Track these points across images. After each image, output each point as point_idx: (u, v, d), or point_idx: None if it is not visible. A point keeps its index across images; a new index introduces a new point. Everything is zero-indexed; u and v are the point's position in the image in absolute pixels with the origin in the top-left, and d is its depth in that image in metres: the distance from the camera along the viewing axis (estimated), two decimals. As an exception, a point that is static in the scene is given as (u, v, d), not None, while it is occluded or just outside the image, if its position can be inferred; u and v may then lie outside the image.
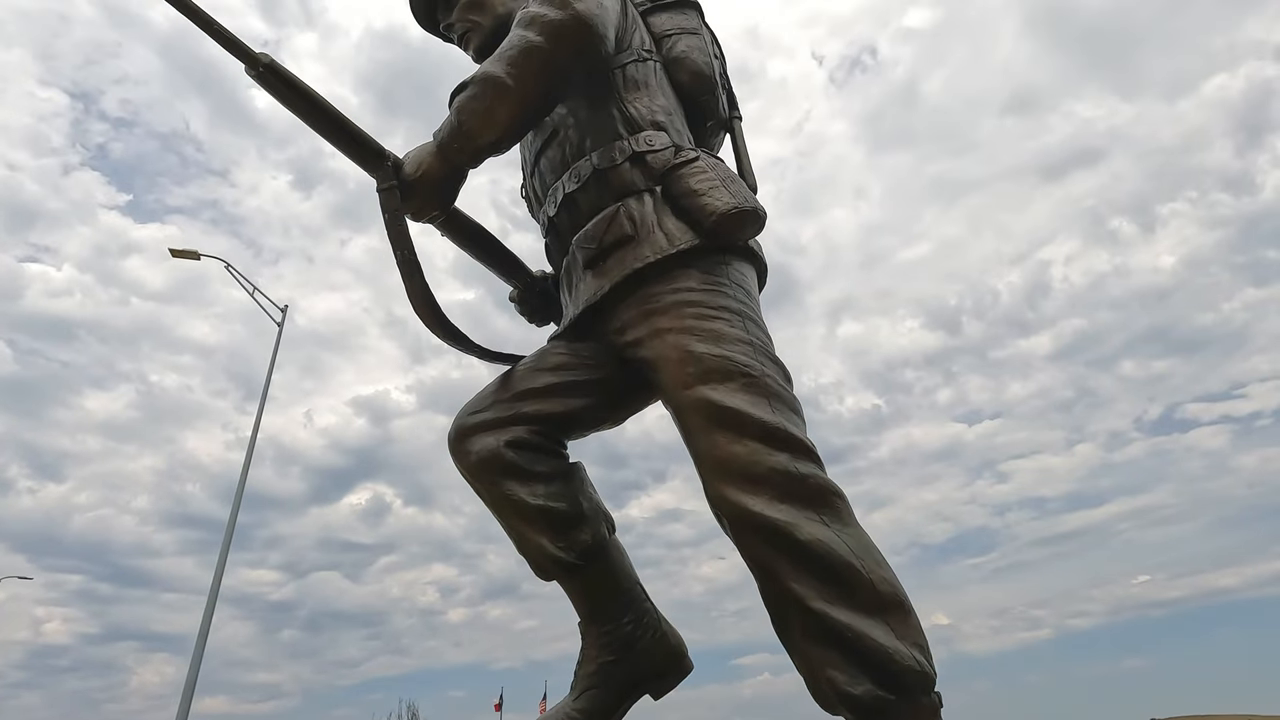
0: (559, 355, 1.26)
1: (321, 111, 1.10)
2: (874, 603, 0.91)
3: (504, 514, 1.18)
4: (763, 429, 1.00)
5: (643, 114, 1.27)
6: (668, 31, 1.41)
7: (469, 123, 1.11)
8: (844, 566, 0.92)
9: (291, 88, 1.08)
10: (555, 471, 1.20)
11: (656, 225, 1.16)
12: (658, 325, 1.11)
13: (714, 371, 1.04)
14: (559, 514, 1.16)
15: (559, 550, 1.14)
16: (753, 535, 0.96)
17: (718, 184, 1.15)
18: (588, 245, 1.22)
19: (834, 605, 0.90)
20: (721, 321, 1.10)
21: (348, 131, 1.12)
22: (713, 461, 1.00)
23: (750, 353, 1.08)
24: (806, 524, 0.94)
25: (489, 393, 1.26)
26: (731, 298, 1.14)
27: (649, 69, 1.32)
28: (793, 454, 0.99)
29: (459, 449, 1.21)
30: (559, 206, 1.29)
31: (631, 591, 1.22)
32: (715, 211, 1.12)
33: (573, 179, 1.26)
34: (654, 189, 1.20)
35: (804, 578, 0.92)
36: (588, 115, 1.28)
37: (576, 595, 1.20)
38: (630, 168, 1.22)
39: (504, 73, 1.09)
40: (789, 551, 0.93)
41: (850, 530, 0.97)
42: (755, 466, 0.98)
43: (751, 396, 1.03)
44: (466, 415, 1.23)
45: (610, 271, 1.17)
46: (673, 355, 1.08)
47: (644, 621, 1.21)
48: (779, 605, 0.95)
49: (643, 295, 1.14)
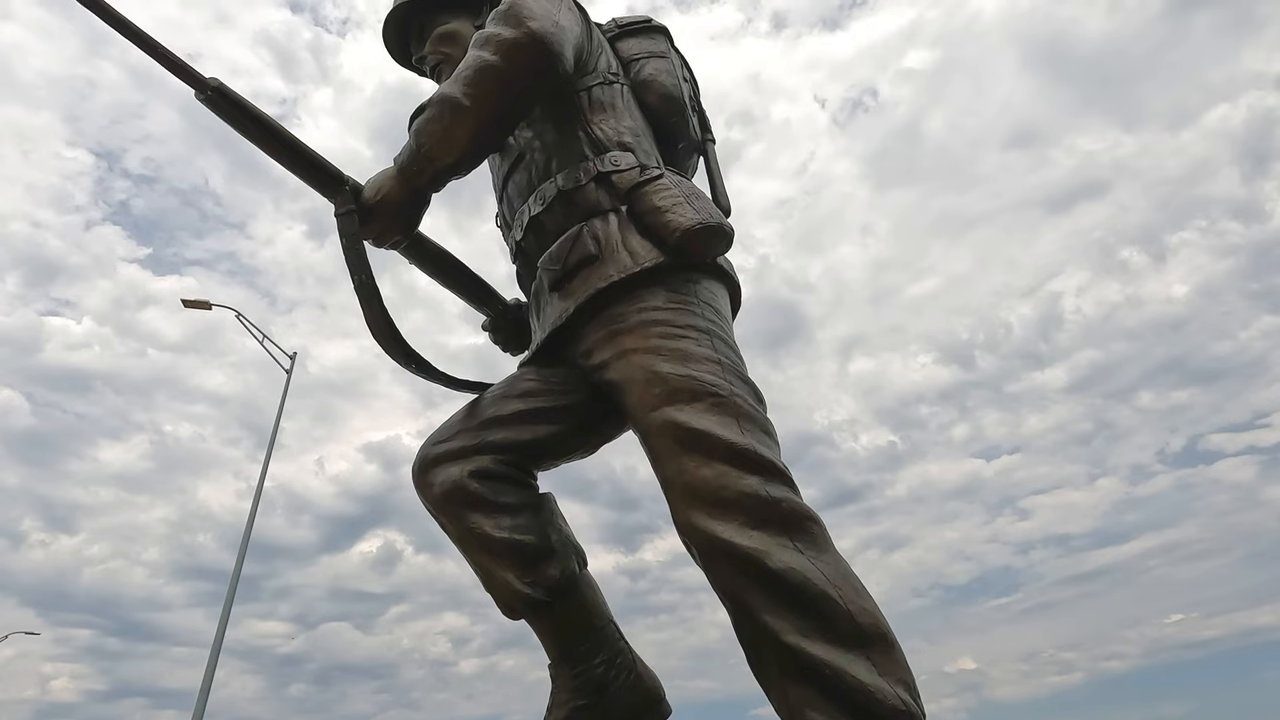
0: (528, 382, 1.22)
1: (273, 135, 1.09)
2: (854, 636, 0.83)
3: (468, 548, 1.12)
4: (732, 451, 0.94)
5: (609, 135, 1.25)
6: (635, 55, 1.41)
7: (427, 144, 1.10)
8: (820, 597, 0.85)
9: (242, 110, 1.07)
10: (523, 503, 1.15)
11: (621, 244, 1.13)
12: (624, 346, 1.07)
13: (680, 391, 1.00)
14: (526, 548, 1.09)
15: (525, 587, 1.08)
16: (723, 564, 0.89)
17: (681, 200, 1.13)
18: (552, 267, 1.19)
19: (811, 639, 0.83)
20: (689, 340, 1.05)
21: (302, 155, 1.11)
22: (680, 486, 0.95)
23: (719, 372, 1.03)
24: (779, 551, 0.88)
25: (455, 422, 1.21)
26: (699, 316, 1.09)
27: (615, 91, 1.31)
28: (764, 477, 0.93)
29: (422, 480, 1.17)
30: (525, 230, 1.26)
31: (604, 630, 1.15)
32: (679, 228, 1.09)
33: (538, 201, 1.24)
34: (619, 208, 1.18)
35: (778, 609, 0.85)
36: (554, 138, 1.26)
37: (545, 635, 1.13)
38: (595, 188, 1.20)
39: (461, 93, 1.08)
40: (761, 581, 0.86)
41: (826, 557, 0.90)
42: (724, 491, 0.92)
43: (720, 417, 0.97)
44: (431, 445, 1.19)
45: (575, 293, 1.14)
46: (638, 376, 1.03)
47: (618, 662, 1.14)
48: (752, 640, 0.88)
49: (608, 316, 1.11)
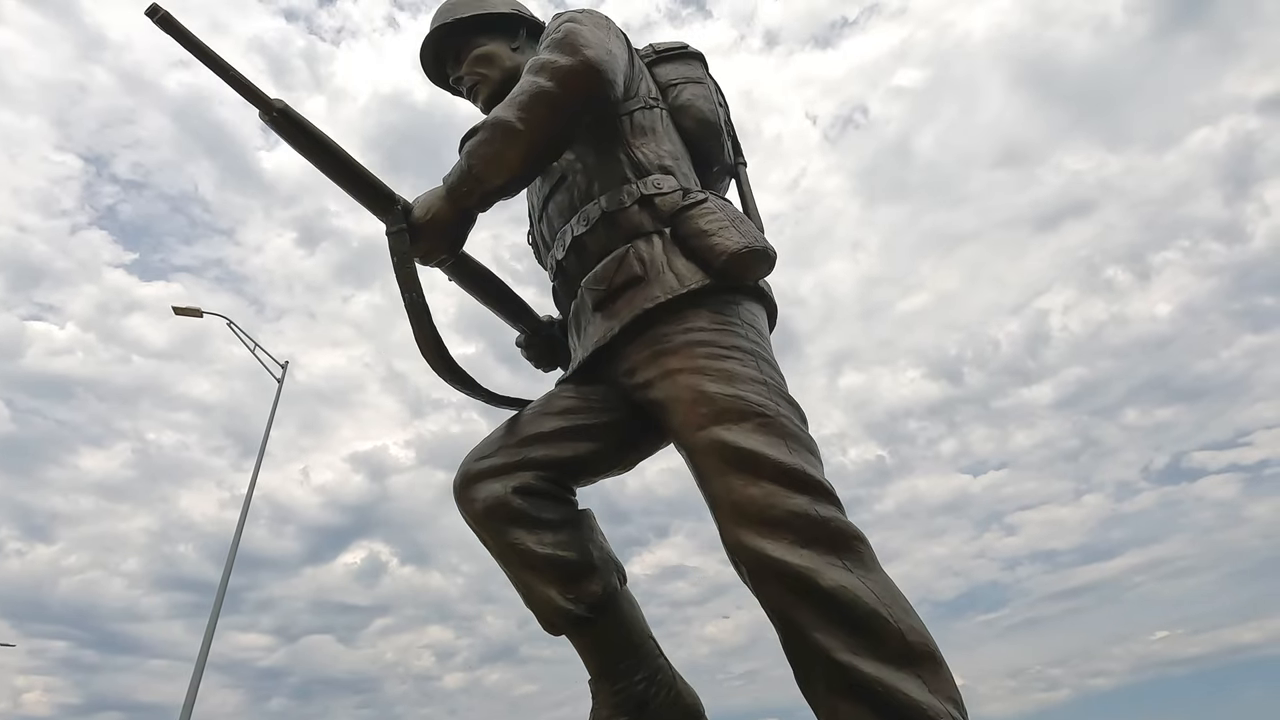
0: (567, 399, 1.24)
1: (333, 156, 1.11)
2: (904, 654, 0.85)
3: (510, 564, 1.13)
4: (780, 470, 0.96)
5: (650, 159, 1.28)
6: (673, 81, 1.44)
7: (479, 167, 1.12)
8: (870, 615, 0.87)
9: (305, 132, 1.09)
10: (564, 519, 1.16)
11: (666, 266, 1.16)
12: (668, 366, 1.09)
13: (728, 412, 1.01)
14: (568, 564, 1.11)
15: (568, 603, 1.09)
16: (773, 583, 0.91)
17: (727, 224, 1.15)
18: (597, 287, 1.21)
19: (861, 657, 0.84)
20: (734, 361, 1.07)
21: (359, 176, 1.13)
22: (729, 505, 0.96)
23: (765, 392, 1.05)
24: (829, 570, 0.89)
25: (495, 438, 1.23)
26: (743, 337, 1.12)
27: (655, 116, 1.35)
28: (812, 496, 0.95)
29: (464, 496, 1.18)
30: (567, 250, 1.29)
31: (644, 646, 1.16)
32: (726, 251, 1.12)
33: (581, 222, 1.26)
34: (663, 231, 1.20)
35: (829, 628, 0.86)
36: (595, 160, 1.29)
37: (586, 651, 1.14)
38: (639, 210, 1.22)
39: (514, 117, 1.11)
40: (812, 600, 0.88)
41: (875, 576, 0.92)
42: (773, 509, 0.93)
43: (767, 437, 0.99)
44: (472, 461, 1.20)
45: (620, 313, 1.16)
46: (685, 396, 1.05)
47: (658, 679, 1.15)
48: (802, 657, 0.89)
49: (653, 336, 1.13)
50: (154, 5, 1.00)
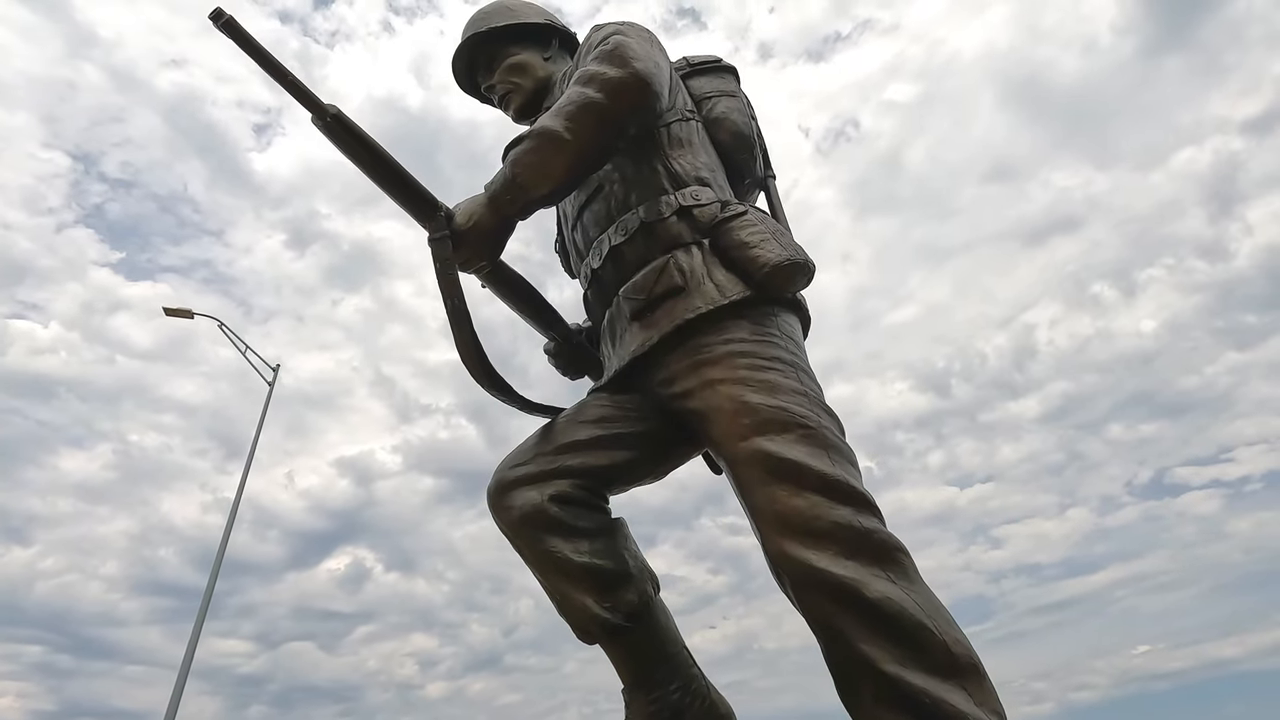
0: (601, 407, 1.24)
1: (383, 163, 1.11)
2: (949, 666, 0.86)
3: (546, 572, 1.13)
4: (823, 481, 0.97)
5: (687, 170, 1.29)
6: (707, 94, 1.46)
7: (524, 175, 1.13)
8: (916, 627, 0.87)
9: (357, 139, 1.09)
10: (600, 527, 1.16)
11: (706, 276, 1.17)
12: (709, 376, 1.09)
13: (771, 422, 1.02)
14: (604, 572, 1.11)
15: (604, 611, 1.09)
16: (817, 594, 0.91)
17: (768, 236, 1.17)
18: (636, 297, 1.21)
19: (908, 669, 0.85)
20: (775, 372, 1.08)
21: (407, 183, 1.13)
22: (772, 516, 0.97)
23: (806, 404, 1.06)
24: (874, 581, 0.90)
25: (530, 445, 1.23)
26: (783, 348, 1.13)
27: (691, 128, 1.36)
28: (855, 507, 0.96)
29: (500, 504, 1.17)
30: (604, 259, 1.29)
31: (679, 655, 1.16)
32: (768, 263, 1.13)
33: (619, 232, 1.27)
34: (701, 242, 1.21)
35: (875, 639, 0.87)
36: (633, 171, 1.30)
37: (621, 660, 1.14)
38: (677, 221, 1.23)
39: (562, 127, 1.12)
40: (857, 610, 0.88)
41: (918, 588, 0.93)
42: (818, 521, 0.94)
43: (810, 448, 1.00)
44: (507, 468, 1.20)
45: (659, 322, 1.17)
46: (727, 406, 1.06)
47: (692, 689, 1.14)
48: (847, 668, 0.90)
49: (693, 346, 1.13)
50: (218, 10, 1.00)
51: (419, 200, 1.14)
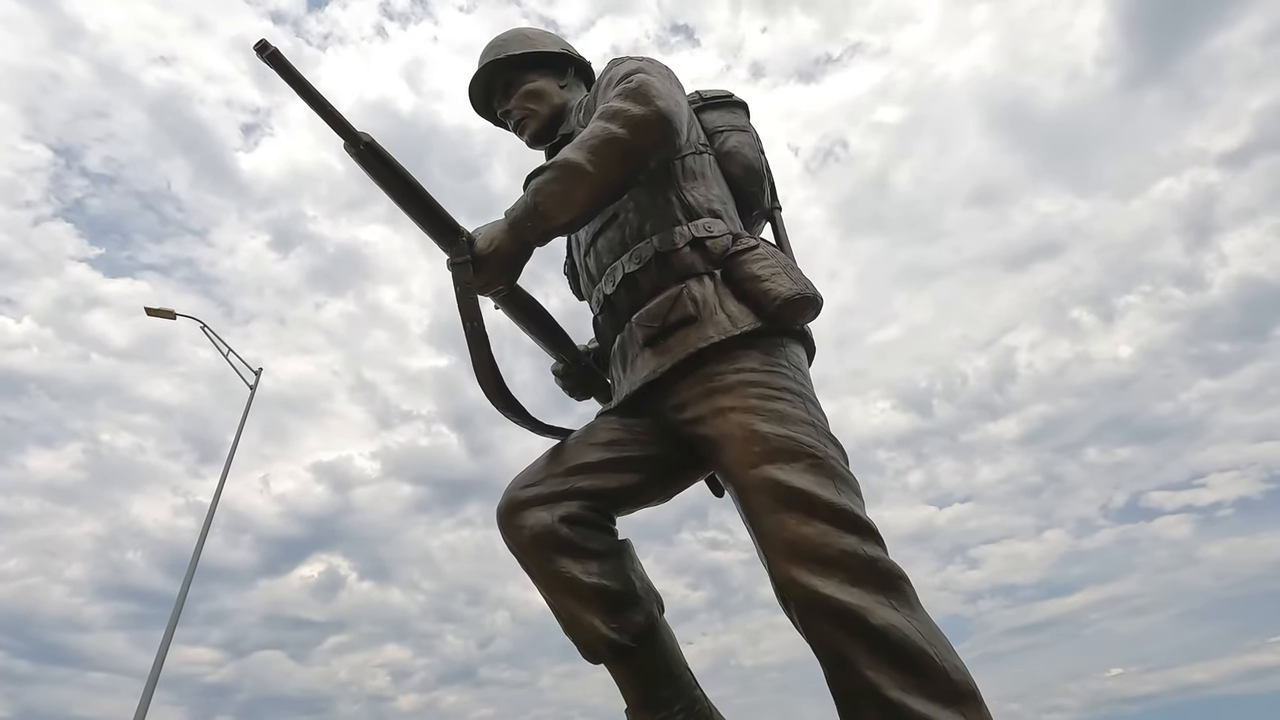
0: (611, 430, 1.27)
1: (412, 191, 1.14)
2: (949, 692, 0.89)
3: (555, 592, 1.15)
4: (831, 510, 1.00)
5: (700, 202, 1.34)
6: (719, 128, 1.50)
7: (545, 204, 1.16)
8: (918, 654, 0.90)
9: (389, 168, 1.12)
10: (608, 549, 1.19)
11: (719, 307, 1.20)
12: (720, 404, 1.13)
13: (780, 451, 1.05)
14: (613, 593, 1.13)
15: (611, 632, 1.11)
16: (824, 620, 0.94)
17: (779, 271, 1.21)
18: (650, 324, 1.25)
19: (910, 695, 0.88)
20: (784, 402, 1.12)
21: (432, 210, 1.16)
22: (781, 543, 0.99)
23: (813, 434, 1.09)
24: (879, 609, 0.93)
25: (540, 467, 1.25)
26: (791, 379, 1.17)
27: (704, 161, 1.40)
28: (861, 536, 0.99)
29: (510, 523, 1.20)
30: (618, 285, 1.33)
31: (683, 677, 1.19)
32: (779, 296, 1.17)
33: (633, 260, 1.31)
34: (714, 272, 1.25)
35: (879, 665, 0.90)
36: (648, 201, 1.34)
37: (626, 680, 1.16)
38: (690, 251, 1.27)
39: (585, 160, 1.15)
40: (863, 637, 0.91)
41: (919, 615, 0.96)
42: (826, 549, 0.97)
43: (818, 477, 1.03)
44: (518, 489, 1.22)
45: (672, 350, 1.20)
46: (737, 434, 1.09)
47: (695, 710, 1.17)
48: (852, 693, 0.92)
49: (704, 374, 1.17)
50: (263, 42, 1.03)
51: (442, 225, 1.17)
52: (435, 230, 1.17)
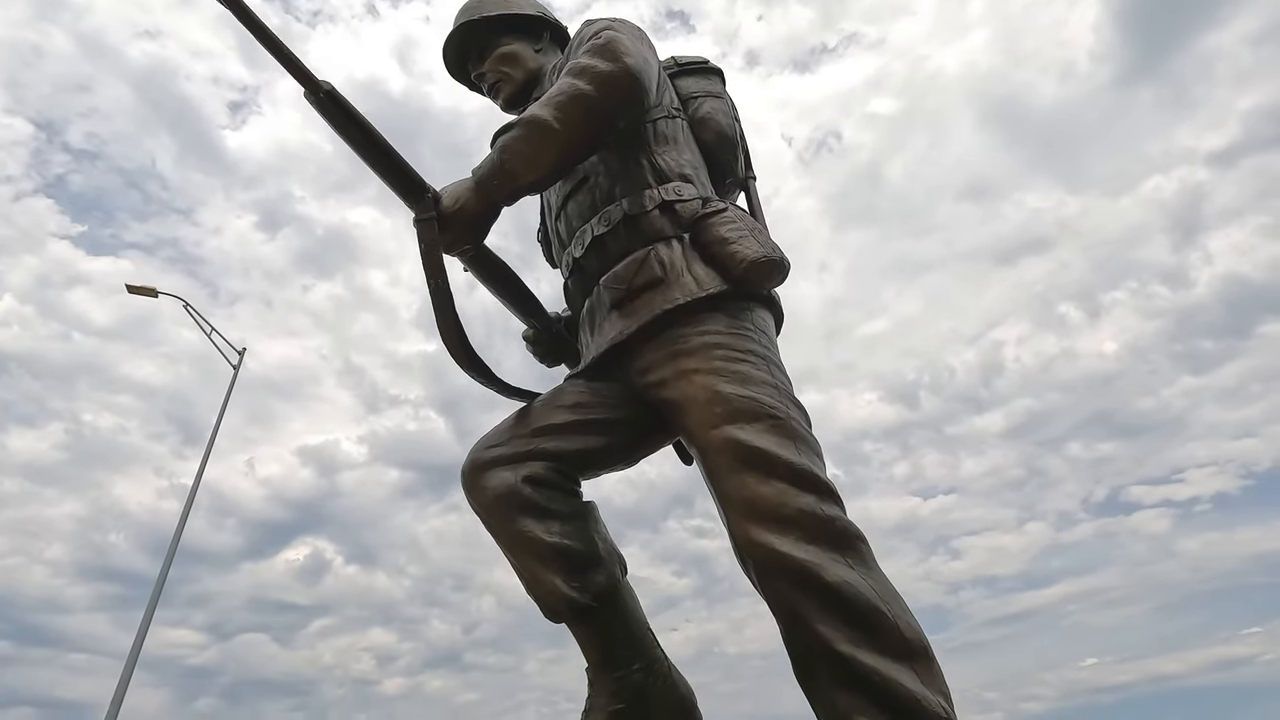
0: (578, 393, 1.27)
1: (373, 142, 1.12)
2: (901, 648, 0.90)
3: (517, 552, 1.15)
4: (790, 470, 1.00)
5: (671, 166, 1.33)
6: (694, 94, 1.49)
7: (511, 162, 1.15)
8: (871, 610, 0.91)
9: (350, 119, 1.10)
10: (571, 510, 1.18)
11: (685, 270, 1.20)
12: (684, 366, 1.13)
13: (742, 412, 1.06)
14: (574, 554, 1.13)
15: (572, 591, 1.11)
16: (779, 577, 0.95)
17: (747, 234, 1.20)
18: (616, 286, 1.24)
19: (861, 649, 0.89)
20: (748, 364, 1.12)
21: (395, 163, 1.14)
22: (740, 502, 1.00)
23: (776, 395, 1.10)
24: (833, 566, 0.94)
25: (505, 428, 1.25)
26: (756, 342, 1.17)
27: (677, 126, 1.40)
28: (819, 496, 1.00)
29: (474, 483, 1.19)
30: (587, 249, 1.32)
31: (644, 637, 1.19)
32: (745, 259, 1.16)
33: (602, 223, 1.30)
34: (682, 236, 1.25)
35: (831, 621, 0.91)
36: (618, 164, 1.33)
37: (587, 640, 1.16)
38: (659, 215, 1.26)
39: (551, 117, 1.14)
40: (816, 594, 0.92)
41: (874, 574, 0.97)
42: (784, 508, 0.98)
43: (779, 438, 1.04)
44: (482, 449, 1.22)
45: (638, 312, 1.20)
46: (700, 396, 1.09)
47: (654, 669, 1.18)
48: (805, 649, 0.93)
49: (669, 337, 1.16)
50: None
51: (407, 181, 1.15)
52: (400, 186, 1.16)
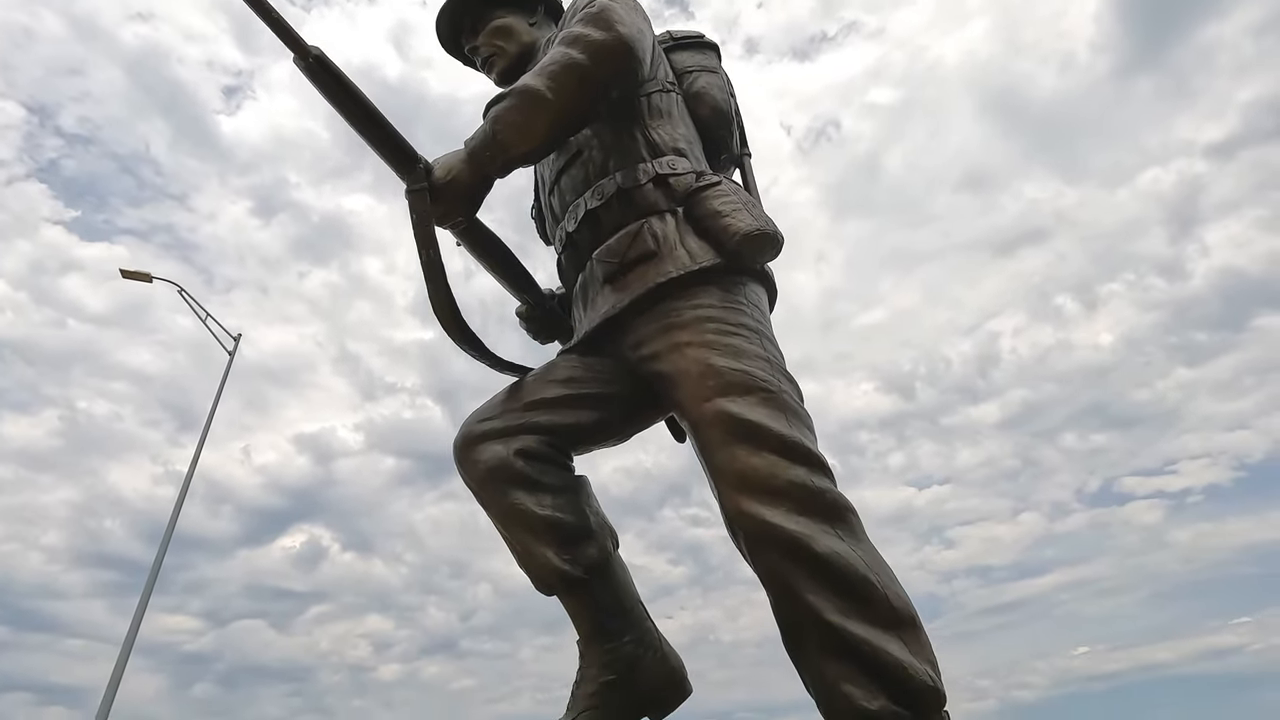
0: (571, 368, 1.26)
1: (363, 109, 1.11)
2: (889, 618, 0.91)
3: (509, 525, 1.15)
4: (781, 443, 1.01)
5: (665, 140, 1.32)
6: (689, 68, 1.48)
7: (504, 133, 1.13)
8: (860, 581, 0.92)
9: (339, 83, 1.08)
10: (563, 484, 1.19)
11: (679, 243, 1.19)
12: (677, 339, 1.12)
13: (734, 385, 1.06)
14: (566, 526, 1.13)
15: (564, 564, 1.12)
16: (770, 548, 0.95)
17: (740, 207, 1.20)
18: (609, 260, 1.24)
19: (850, 619, 0.90)
20: (740, 338, 1.12)
21: (386, 132, 1.13)
22: (732, 474, 1.00)
23: (768, 369, 1.10)
24: (823, 537, 0.94)
25: (497, 401, 1.24)
26: (749, 315, 1.16)
27: (672, 100, 1.38)
28: (810, 468, 1.00)
29: (466, 456, 1.19)
30: (580, 222, 1.31)
31: (635, 610, 1.20)
32: (739, 232, 1.16)
33: (596, 196, 1.29)
34: (676, 210, 1.24)
35: (821, 591, 0.91)
36: (612, 138, 1.32)
37: (578, 612, 1.17)
38: (653, 188, 1.25)
39: (544, 86, 1.13)
40: (806, 564, 0.93)
41: (864, 545, 0.98)
42: (774, 480, 0.98)
43: (770, 410, 1.04)
44: (475, 422, 1.22)
45: (631, 286, 1.19)
46: (693, 369, 1.09)
47: (645, 641, 1.18)
48: (794, 619, 0.94)
49: (663, 310, 1.16)
50: None
51: (398, 151, 1.14)
52: (392, 156, 1.15)
